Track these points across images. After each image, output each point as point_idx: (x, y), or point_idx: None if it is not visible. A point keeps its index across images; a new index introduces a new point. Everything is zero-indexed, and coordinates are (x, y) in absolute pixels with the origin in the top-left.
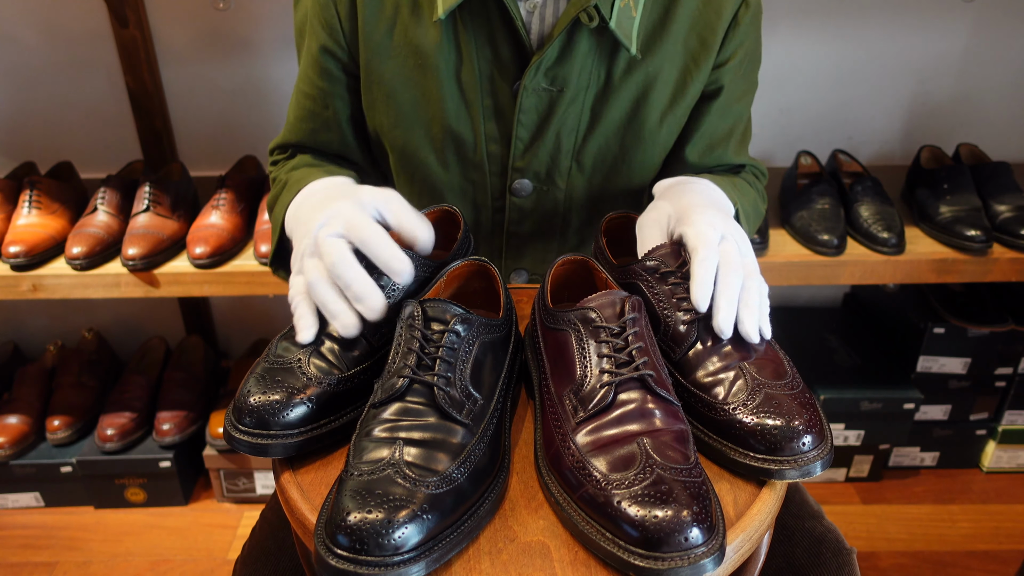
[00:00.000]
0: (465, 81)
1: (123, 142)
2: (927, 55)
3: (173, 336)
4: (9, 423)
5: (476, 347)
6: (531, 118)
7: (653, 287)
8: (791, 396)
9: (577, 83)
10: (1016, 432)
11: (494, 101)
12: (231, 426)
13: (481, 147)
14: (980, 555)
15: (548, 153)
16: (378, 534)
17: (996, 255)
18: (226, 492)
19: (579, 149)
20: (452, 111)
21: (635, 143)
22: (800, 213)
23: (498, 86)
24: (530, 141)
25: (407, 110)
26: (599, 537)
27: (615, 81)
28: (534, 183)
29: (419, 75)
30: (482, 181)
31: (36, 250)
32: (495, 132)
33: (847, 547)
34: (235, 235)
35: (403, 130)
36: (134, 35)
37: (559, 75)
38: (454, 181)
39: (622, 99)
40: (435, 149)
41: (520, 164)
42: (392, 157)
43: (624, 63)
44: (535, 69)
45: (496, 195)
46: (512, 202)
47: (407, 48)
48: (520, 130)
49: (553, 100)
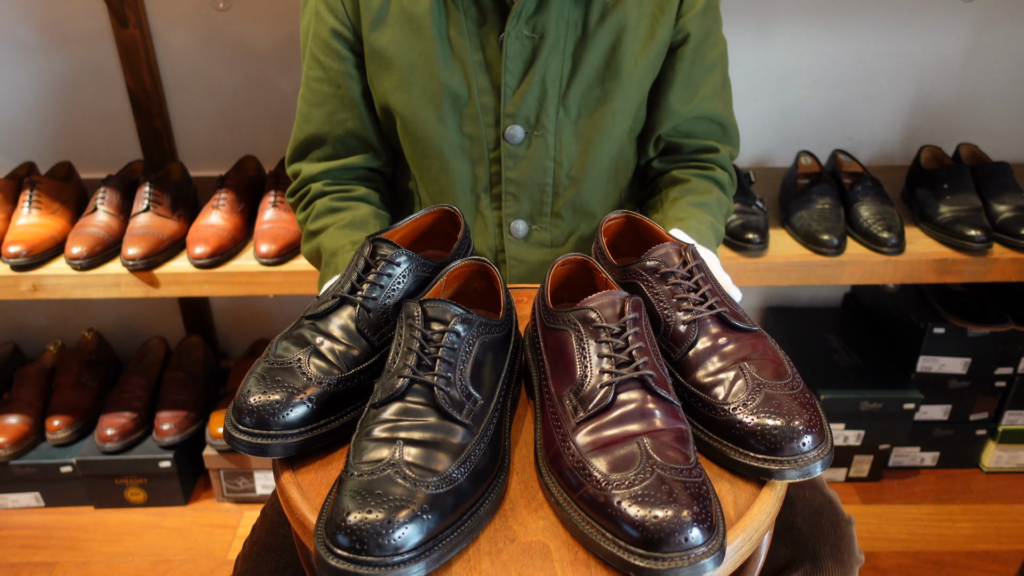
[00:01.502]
0: (454, 39)
1: (123, 142)
2: (927, 55)
3: (173, 336)
4: (9, 423)
5: (476, 347)
6: (517, 65)
7: (653, 287)
8: (791, 396)
9: (556, 31)
10: (1016, 432)
11: (483, 54)
12: (231, 426)
13: (474, 99)
14: (980, 555)
15: (535, 98)
16: (378, 534)
17: (996, 255)
18: (226, 492)
19: (564, 94)
20: (446, 69)
21: (614, 85)
22: (800, 213)
23: (485, 39)
24: (517, 86)
25: (405, 74)
26: (599, 537)
27: (591, 28)
28: (525, 128)
29: (415, 39)
30: (478, 134)
31: (36, 250)
32: (486, 84)
33: (845, 517)
34: (235, 235)
35: (403, 92)
36: (134, 35)
37: (539, 23)
38: (452, 137)
39: (599, 45)
40: (434, 107)
41: (511, 110)
42: (398, 122)
43: (598, 12)
44: (516, 17)
45: (492, 146)
46: (507, 148)
47: (402, 16)
48: (508, 76)
49: (535, 47)
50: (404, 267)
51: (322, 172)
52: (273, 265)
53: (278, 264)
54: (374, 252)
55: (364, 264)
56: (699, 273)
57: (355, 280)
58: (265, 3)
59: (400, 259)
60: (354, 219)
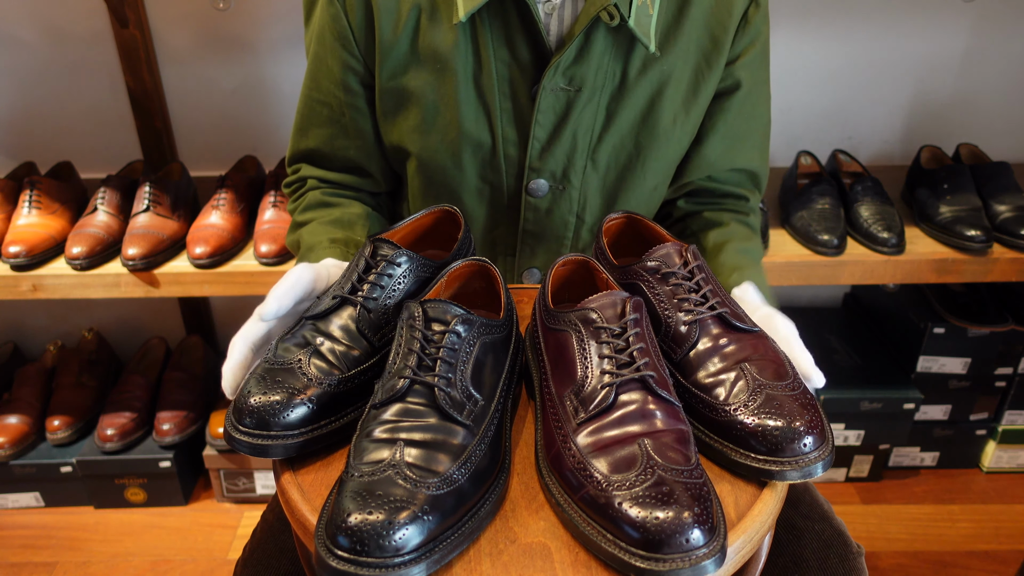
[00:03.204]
0: (484, 85)
1: (123, 142)
2: (927, 55)
3: (173, 336)
4: (9, 423)
5: (477, 348)
6: (549, 119)
7: (654, 288)
8: (792, 397)
9: (594, 82)
10: (1016, 432)
11: (513, 104)
12: (231, 426)
13: (499, 150)
14: (980, 555)
15: (564, 153)
16: (379, 535)
17: (996, 255)
18: (226, 492)
19: (594, 148)
20: (470, 116)
21: (650, 142)
22: (800, 213)
23: (517, 88)
24: (547, 141)
25: (424, 116)
26: (600, 538)
27: (630, 80)
28: (550, 183)
29: (437, 80)
30: (499, 182)
31: (36, 250)
32: (513, 135)
33: (854, 550)
34: (235, 235)
35: (420, 135)
36: (134, 35)
37: (577, 75)
38: (471, 183)
39: (637, 98)
40: (452, 153)
41: (537, 164)
42: (409, 162)
43: (639, 62)
44: (554, 69)
45: (512, 195)
46: (528, 201)
47: (425, 53)
48: (538, 131)
49: (570, 100)
50: (405, 267)
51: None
52: (273, 265)
53: (278, 264)
54: (375, 252)
55: (365, 264)
56: (700, 274)
57: (356, 280)
58: (265, 3)
59: (401, 259)
60: (341, 216)
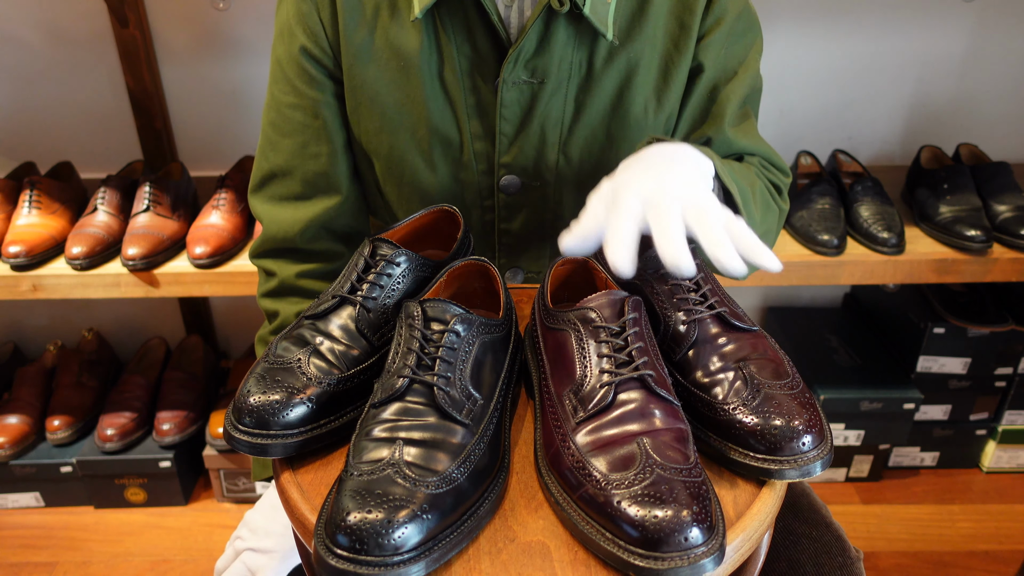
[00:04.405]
0: (447, 80)
1: (123, 142)
2: (927, 55)
3: (173, 336)
4: (9, 423)
5: (476, 347)
6: (514, 112)
7: (653, 287)
8: (791, 396)
9: (558, 74)
10: (1016, 432)
11: (477, 98)
12: (231, 426)
13: (468, 146)
14: (980, 555)
15: (534, 147)
16: (378, 534)
17: (996, 255)
18: (226, 492)
19: (565, 141)
20: (436, 111)
21: (622, 132)
22: (800, 213)
23: (479, 83)
24: (514, 136)
25: (391, 114)
26: (599, 537)
27: (596, 70)
28: (522, 178)
29: (402, 77)
30: (471, 181)
31: (36, 250)
32: (480, 130)
33: (852, 554)
34: (235, 235)
35: (388, 134)
36: (134, 35)
37: (539, 67)
38: (443, 183)
39: (605, 88)
40: (422, 151)
41: (506, 160)
42: (378, 164)
43: (604, 51)
44: (513, 62)
45: (485, 194)
46: (501, 199)
47: (388, 51)
48: (504, 125)
49: (535, 93)
50: (404, 267)
51: (297, 273)
52: None
53: None
54: (374, 252)
55: (364, 264)
56: (699, 273)
57: (355, 280)
58: (265, 3)
59: (400, 259)
60: None
